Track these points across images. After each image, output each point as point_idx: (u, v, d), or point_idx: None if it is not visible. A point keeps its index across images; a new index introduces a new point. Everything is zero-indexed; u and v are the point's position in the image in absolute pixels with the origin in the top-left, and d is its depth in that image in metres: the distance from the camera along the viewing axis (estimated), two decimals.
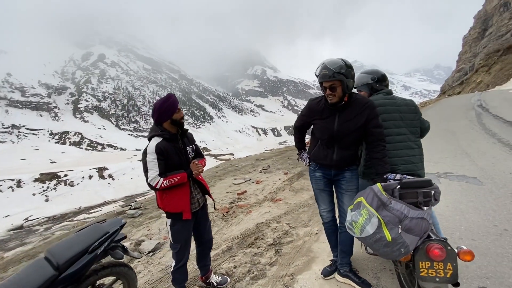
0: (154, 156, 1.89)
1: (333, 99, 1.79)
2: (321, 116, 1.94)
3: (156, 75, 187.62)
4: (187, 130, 2.21)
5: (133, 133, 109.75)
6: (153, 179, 1.87)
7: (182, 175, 1.98)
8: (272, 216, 3.77)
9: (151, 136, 2.00)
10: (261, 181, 5.98)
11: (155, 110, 2.00)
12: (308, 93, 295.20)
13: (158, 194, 2.04)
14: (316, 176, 2.12)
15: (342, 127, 1.85)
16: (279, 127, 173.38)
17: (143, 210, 5.44)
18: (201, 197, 2.23)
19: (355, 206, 1.62)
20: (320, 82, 1.80)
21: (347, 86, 1.76)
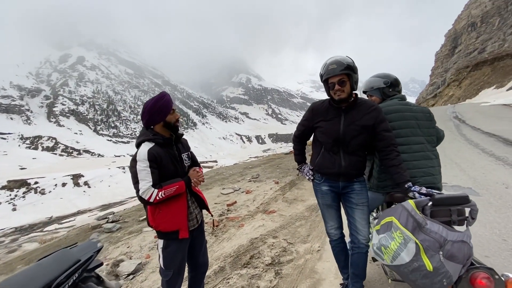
0: (146, 164, 1.59)
1: (342, 94, 1.68)
2: (326, 117, 1.80)
3: (139, 79, 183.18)
4: (182, 134, 1.92)
5: (112, 138, 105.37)
6: (146, 191, 1.57)
7: (179, 184, 1.69)
8: (267, 230, 3.48)
9: (140, 141, 1.69)
10: (251, 190, 5.68)
11: (146, 111, 1.70)
12: (292, 102, 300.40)
13: (150, 210, 1.72)
14: (323, 190, 1.91)
15: (349, 129, 1.72)
16: (263, 135, 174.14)
17: (122, 223, 4.94)
18: (199, 212, 1.93)
19: (383, 227, 1.39)
20: (326, 79, 1.72)
21: (355, 82, 1.70)
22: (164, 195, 1.61)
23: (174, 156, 1.76)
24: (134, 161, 1.62)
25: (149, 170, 1.59)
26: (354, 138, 1.71)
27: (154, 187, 1.59)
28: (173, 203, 1.70)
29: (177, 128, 1.82)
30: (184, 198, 1.77)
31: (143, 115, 1.73)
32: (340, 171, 1.77)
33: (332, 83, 1.68)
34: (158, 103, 1.70)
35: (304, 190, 5.12)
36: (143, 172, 1.58)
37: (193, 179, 1.81)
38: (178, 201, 1.72)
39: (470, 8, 59.64)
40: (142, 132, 1.76)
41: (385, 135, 1.68)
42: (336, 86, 1.66)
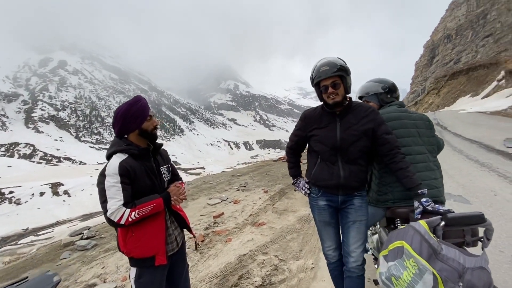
0: (117, 179, 1.36)
1: (336, 97, 1.54)
2: (320, 125, 1.66)
3: (124, 85, 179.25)
4: (161, 145, 1.69)
5: (95, 145, 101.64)
6: (115, 212, 1.32)
7: (156, 202, 1.45)
8: (256, 246, 3.26)
9: (111, 152, 1.46)
10: (239, 200, 5.45)
11: (118, 117, 1.48)
12: (279, 109, 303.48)
13: (121, 233, 1.47)
14: (320, 206, 1.73)
15: (346, 134, 1.57)
16: (251, 141, 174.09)
17: (98, 239, 4.55)
18: (180, 233, 1.69)
19: (392, 253, 1.23)
20: (317, 83, 1.58)
21: (348, 84, 1.58)
22: (137, 216, 1.36)
23: (151, 169, 1.53)
24: (103, 176, 1.38)
25: (119, 186, 1.35)
26: (353, 144, 1.56)
27: (126, 206, 1.35)
28: (149, 225, 1.46)
29: (155, 137, 1.59)
30: (162, 218, 1.52)
31: (115, 122, 1.50)
32: (339, 183, 1.60)
33: (325, 86, 1.55)
34: (132, 108, 1.48)
35: (295, 200, 4.95)
36: (112, 188, 1.34)
37: (173, 196, 1.57)
38: (155, 221, 1.48)
39: (446, 21, 62.98)
40: (114, 142, 1.52)
41: (387, 138, 1.54)
42: (329, 89, 1.53)
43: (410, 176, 1.47)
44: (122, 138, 1.52)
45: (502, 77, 19.06)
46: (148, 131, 1.54)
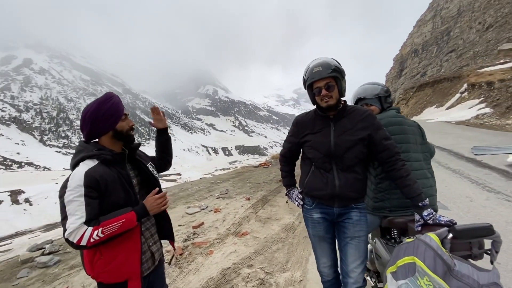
0: (80, 192, 1.12)
1: (330, 100, 1.44)
2: (313, 129, 1.55)
3: (96, 87, 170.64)
4: (139, 144, 1.46)
5: (62, 150, 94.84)
6: (74, 231, 1.08)
7: (126, 217, 1.20)
8: (240, 258, 3.06)
9: (78, 159, 1.21)
10: (220, 209, 5.21)
11: (87, 117, 1.25)
12: (258, 115, 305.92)
13: (86, 255, 1.24)
14: (314, 219, 1.60)
15: (341, 139, 1.46)
16: (230, 147, 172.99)
17: (62, 254, 4.06)
18: (158, 249, 1.46)
19: (401, 269, 1.12)
20: (310, 84, 1.49)
21: (343, 87, 1.48)
22: (102, 235, 1.12)
23: (126, 177, 1.29)
24: (63, 188, 1.14)
25: (82, 200, 1.11)
26: (348, 150, 1.44)
27: (88, 225, 1.11)
28: (120, 244, 1.23)
29: (132, 139, 1.38)
30: (137, 234, 1.28)
31: (83, 124, 1.27)
32: (334, 193, 1.47)
33: (318, 88, 1.45)
34: (103, 106, 1.26)
35: (278, 207, 4.82)
36: (73, 203, 1.10)
37: (151, 207, 1.30)
38: (128, 240, 1.25)
39: (414, 37, 67.75)
40: (80, 147, 1.27)
41: (387, 144, 1.44)
42: (322, 91, 1.43)
43: (411, 185, 1.38)
44: (91, 142, 1.29)
45: (464, 89, 20.73)
46: (123, 132, 1.32)
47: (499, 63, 22.28)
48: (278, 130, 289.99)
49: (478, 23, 39.27)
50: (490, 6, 37.25)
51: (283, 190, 6.13)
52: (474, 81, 19.59)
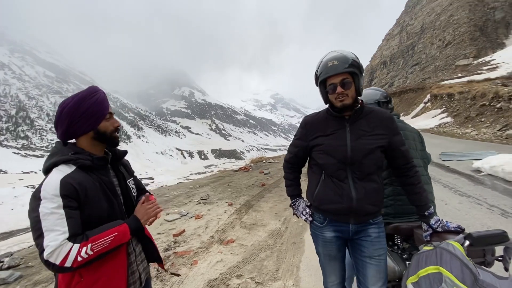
0: (58, 203, 0.93)
1: (346, 99, 1.27)
2: (325, 131, 1.36)
3: (62, 84, 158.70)
4: (126, 152, 1.29)
5: (21, 151, 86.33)
6: (56, 250, 0.90)
7: (119, 230, 1.05)
8: (227, 267, 2.91)
9: (52, 163, 1.02)
10: (201, 215, 4.98)
11: (65, 113, 1.06)
12: (236, 119, 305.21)
13: (62, 279, 1.02)
14: (327, 238, 1.41)
15: (359, 143, 1.29)
16: (206, 150, 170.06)
17: (23, 269, 3.56)
18: (145, 269, 1.28)
19: (425, 280, 1.07)
20: (323, 80, 1.32)
21: (360, 85, 1.31)
22: (91, 253, 0.95)
23: (109, 185, 1.12)
24: (36, 199, 0.94)
25: (62, 212, 0.93)
26: (367, 157, 1.27)
27: (73, 241, 0.93)
28: (105, 264, 1.05)
29: (117, 142, 1.20)
30: (123, 253, 1.12)
31: (58, 121, 1.08)
32: (352, 207, 1.28)
33: (333, 85, 1.28)
34: (85, 102, 1.08)
35: (263, 213, 4.72)
36: (51, 217, 0.92)
37: (143, 218, 1.17)
38: (113, 258, 1.07)
39: (382, 49, 72.34)
40: (55, 149, 1.09)
41: (403, 150, 1.34)
42: (338, 88, 1.26)
43: (420, 193, 1.35)
44: (68, 143, 1.10)
45: (428, 100, 22.46)
46: (107, 134, 1.15)
47: (457, 77, 24.52)
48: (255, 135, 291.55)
49: (438, 39, 43.04)
50: (449, 25, 41.05)
51: (266, 195, 6.05)
52: (436, 93, 21.31)
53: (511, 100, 12.83)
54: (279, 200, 5.47)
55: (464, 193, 4.42)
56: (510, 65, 18.84)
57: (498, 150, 7.32)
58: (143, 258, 1.27)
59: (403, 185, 1.42)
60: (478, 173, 5.50)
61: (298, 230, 3.80)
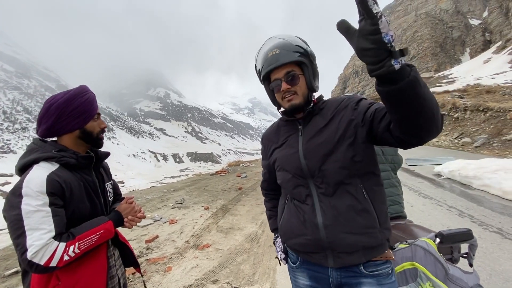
0: (44, 200, 0.90)
1: (295, 98, 0.98)
2: (278, 142, 1.11)
3: (22, 80, 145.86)
4: (108, 154, 1.27)
5: None
6: (42, 250, 0.86)
7: (105, 227, 1.03)
8: (203, 273, 2.84)
9: (32, 160, 0.97)
10: (176, 220, 4.83)
11: (54, 108, 1.03)
12: (213, 122, 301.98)
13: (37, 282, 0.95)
14: (299, 284, 1.05)
15: (311, 144, 0.97)
16: (181, 153, 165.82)
17: None
18: (123, 274, 1.24)
19: (401, 275, 1.14)
20: (267, 76, 1.03)
21: (313, 74, 1.01)
22: (78, 251, 0.93)
23: (92, 185, 1.09)
24: (17, 196, 0.88)
25: (48, 210, 0.89)
26: (327, 160, 0.93)
27: (59, 240, 0.90)
28: (84, 265, 1.00)
29: (101, 143, 1.19)
30: (103, 255, 1.09)
31: (43, 116, 1.04)
32: (319, 239, 0.92)
33: (277, 81, 0.99)
34: (75, 100, 1.06)
35: (240, 216, 4.70)
36: (35, 215, 0.87)
37: (126, 216, 1.16)
38: (93, 260, 1.04)
39: (355, 59, 76.25)
40: (34, 145, 1.04)
41: (374, 106, 0.89)
42: (282, 84, 0.98)
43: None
44: (48, 141, 1.06)
45: None
46: (93, 134, 1.12)
47: None
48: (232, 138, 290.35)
49: None
50: (414, 40, 44.44)
51: (243, 198, 6.04)
52: None
53: (466, 111, 14.19)
54: (256, 204, 5.48)
55: (427, 196, 4.77)
56: (465, 79, 20.83)
57: (455, 156, 8.01)
58: (121, 263, 1.24)
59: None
60: (438, 177, 5.97)
61: None
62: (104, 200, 1.17)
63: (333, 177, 0.92)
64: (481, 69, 29.18)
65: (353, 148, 0.91)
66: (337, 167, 0.92)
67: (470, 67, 33.40)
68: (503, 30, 39.39)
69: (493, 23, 43.13)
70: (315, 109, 1.04)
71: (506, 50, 31.20)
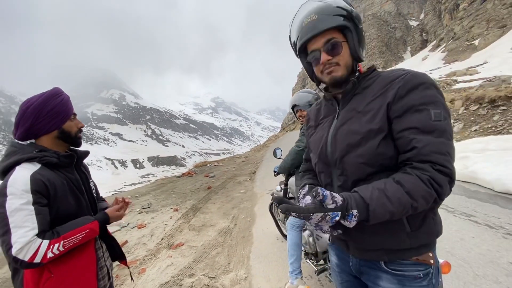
0: (27, 199, 0.94)
1: (336, 70, 0.85)
2: (316, 122, 1.03)
3: None
4: (88, 152, 1.30)
5: None
6: (25, 247, 0.90)
7: (90, 227, 1.08)
8: (179, 269, 2.90)
9: (14, 161, 1.00)
10: (145, 224, 4.72)
11: (30, 111, 1.06)
12: (174, 123, 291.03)
13: (31, 276, 0.99)
14: (332, 261, 1.04)
15: (340, 132, 0.86)
16: (142, 158, 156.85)
17: None
18: (111, 265, 1.31)
19: None
20: (303, 47, 0.90)
21: (358, 41, 0.85)
22: (63, 249, 0.98)
23: (76, 183, 1.13)
24: (2, 195, 0.92)
25: (31, 208, 0.94)
26: (350, 152, 0.81)
27: (43, 237, 0.94)
28: (75, 258, 1.06)
29: (80, 142, 1.23)
30: (92, 247, 1.15)
31: (21, 119, 1.06)
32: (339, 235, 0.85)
33: (315, 53, 0.86)
34: (51, 101, 1.09)
35: (211, 214, 4.77)
36: (19, 213, 0.91)
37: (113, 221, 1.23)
38: (83, 252, 1.09)
39: None
40: (13, 147, 1.06)
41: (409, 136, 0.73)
42: (322, 55, 0.84)
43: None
44: (27, 142, 1.09)
45: None
46: (71, 134, 1.17)
47: None
48: (196, 139, 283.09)
49: None
50: None
51: (213, 197, 6.10)
52: None
53: None
54: (226, 200, 5.60)
55: None
56: None
57: None
58: (108, 256, 1.29)
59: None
60: None
61: (246, 225, 4.02)
62: (90, 197, 1.21)
63: (353, 172, 0.82)
64: (420, 65, 33.09)
65: (386, 143, 0.77)
66: (359, 163, 0.79)
67: (411, 64, 37.63)
68: (437, 31, 45.04)
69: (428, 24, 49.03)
70: (358, 87, 0.88)
71: (439, 48, 35.76)
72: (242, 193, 6.12)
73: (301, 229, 2.15)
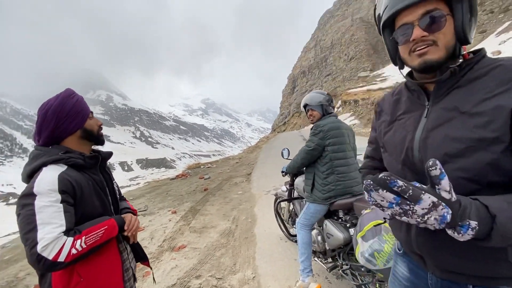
0: (56, 197, 0.93)
1: (431, 51, 0.67)
2: (393, 115, 0.85)
3: None
4: (111, 153, 1.28)
5: None
6: (51, 243, 0.88)
7: (108, 224, 1.06)
8: (184, 271, 2.90)
9: (41, 164, 0.99)
10: (143, 227, 4.66)
11: (50, 113, 1.05)
12: (164, 125, 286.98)
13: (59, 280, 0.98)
14: (398, 274, 0.90)
15: (436, 136, 0.69)
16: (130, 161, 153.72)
17: None
18: (135, 266, 1.32)
19: (369, 232, 1.45)
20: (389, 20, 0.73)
21: (469, 16, 0.67)
22: (85, 246, 0.96)
23: (101, 184, 1.14)
24: (29, 196, 0.92)
25: (60, 206, 0.93)
26: (449, 163, 0.65)
27: (68, 234, 0.93)
28: (98, 259, 1.05)
29: (103, 140, 1.23)
30: (116, 250, 1.14)
31: (43, 124, 1.05)
32: (411, 246, 0.77)
33: (405, 27, 0.69)
34: (68, 101, 1.09)
35: (211, 215, 4.77)
36: (47, 210, 0.91)
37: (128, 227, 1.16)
38: (106, 254, 1.09)
39: (302, 60, 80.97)
40: (38, 151, 1.04)
41: None
42: (415, 30, 0.67)
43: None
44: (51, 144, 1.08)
45: (339, 105, 26.46)
46: (94, 132, 1.17)
47: (359, 86, 29.67)
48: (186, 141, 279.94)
49: (344, 54, 51.08)
50: (352, 43, 49.22)
51: (210, 198, 6.08)
52: (345, 99, 25.36)
53: None
54: (225, 202, 5.60)
55: None
56: (395, 77, 23.94)
57: None
58: (132, 257, 1.29)
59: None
60: None
61: (248, 226, 4.04)
62: (113, 198, 1.22)
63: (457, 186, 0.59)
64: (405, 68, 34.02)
65: (504, 157, 0.59)
66: (459, 177, 0.63)
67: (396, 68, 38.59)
68: None
69: None
70: (461, 77, 0.68)
71: None
72: (240, 195, 6.13)
73: (310, 228, 2.21)
